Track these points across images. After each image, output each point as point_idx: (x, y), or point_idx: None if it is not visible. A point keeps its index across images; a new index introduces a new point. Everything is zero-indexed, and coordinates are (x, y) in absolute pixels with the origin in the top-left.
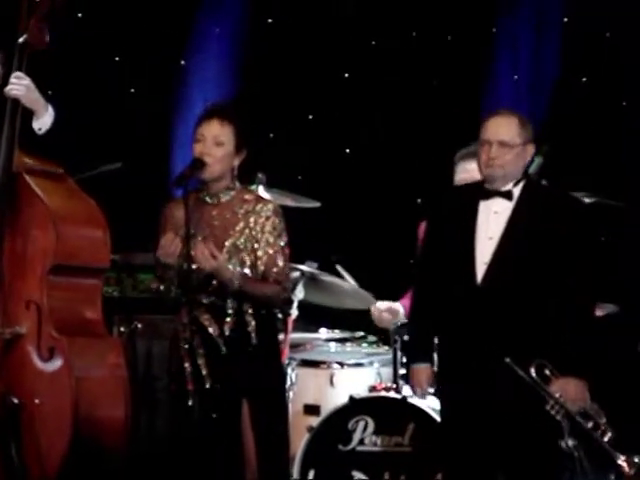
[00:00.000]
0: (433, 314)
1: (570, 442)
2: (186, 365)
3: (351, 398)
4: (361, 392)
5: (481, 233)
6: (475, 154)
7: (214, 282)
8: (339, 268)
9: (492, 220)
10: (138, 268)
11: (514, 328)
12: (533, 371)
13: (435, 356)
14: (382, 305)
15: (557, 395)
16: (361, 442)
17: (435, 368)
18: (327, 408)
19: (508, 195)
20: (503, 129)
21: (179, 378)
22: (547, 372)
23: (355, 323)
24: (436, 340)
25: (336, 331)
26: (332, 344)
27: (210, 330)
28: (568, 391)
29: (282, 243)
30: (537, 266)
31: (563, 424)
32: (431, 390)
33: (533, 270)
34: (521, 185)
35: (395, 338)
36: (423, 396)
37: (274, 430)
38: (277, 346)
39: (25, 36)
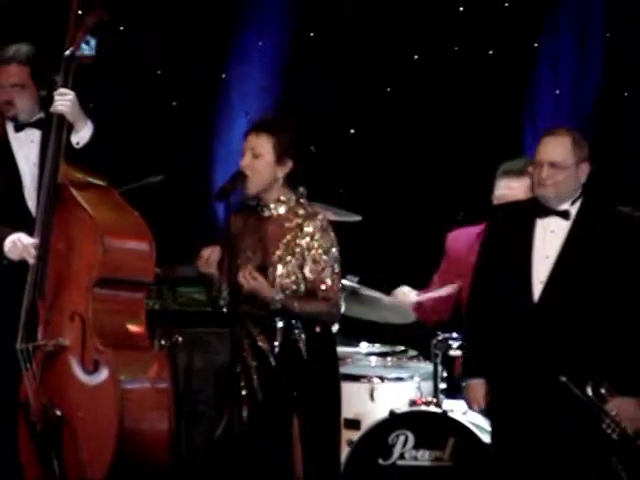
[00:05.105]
0: (488, 330)
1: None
2: (242, 384)
3: (391, 412)
4: (401, 406)
5: (538, 251)
6: (518, 172)
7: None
8: None
9: (548, 239)
10: (179, 281)
11: (570, 347)
12: (589, 390)
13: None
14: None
15: (613, 414)
16: (401, 456)
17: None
18: (367, 422)
19: (565, 214)
20: (556, 150)
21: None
22: (603, 391)
23: (395, 337)
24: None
25: (376, 345)
26: (372, 358)
27: (260, 343)
28: (626, 410)
29: (330, 259)
30: (593, 285)
31: (615, 445)
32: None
33: (589, 289)
34: (578, 204)
35: (436, 352)
36: (479, 411)
37: (322, 446)
38: (333, 362)
39: (72, 49)
